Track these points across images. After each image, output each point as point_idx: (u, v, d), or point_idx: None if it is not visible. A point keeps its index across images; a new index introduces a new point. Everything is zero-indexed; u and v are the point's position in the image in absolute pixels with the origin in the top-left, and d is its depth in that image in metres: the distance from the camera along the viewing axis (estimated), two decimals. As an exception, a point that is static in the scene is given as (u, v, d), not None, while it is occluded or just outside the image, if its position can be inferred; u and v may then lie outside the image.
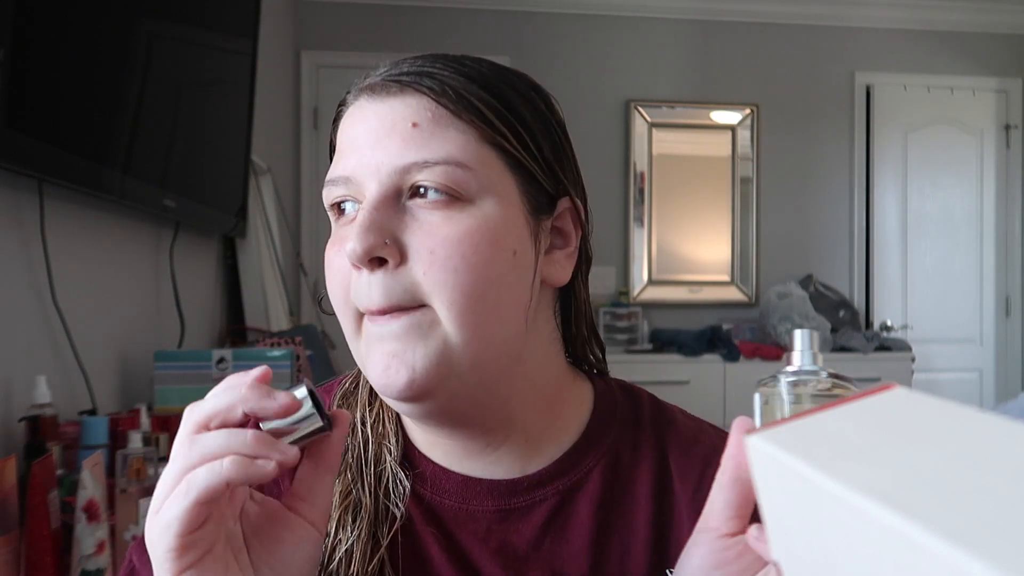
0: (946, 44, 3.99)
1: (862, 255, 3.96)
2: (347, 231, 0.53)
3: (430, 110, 0.52)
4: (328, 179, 0.55)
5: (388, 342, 0.51)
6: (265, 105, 2.66)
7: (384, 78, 0.54)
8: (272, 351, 1.74)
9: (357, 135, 0.53)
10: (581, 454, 0.59)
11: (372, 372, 0.52)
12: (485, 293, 0.52)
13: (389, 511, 0.56)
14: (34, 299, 1.33)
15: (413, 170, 0.51)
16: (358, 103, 0.55)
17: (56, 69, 1.27)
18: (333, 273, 0.54)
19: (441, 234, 0.51)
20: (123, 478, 1.15)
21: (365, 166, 0.52)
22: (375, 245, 0.50)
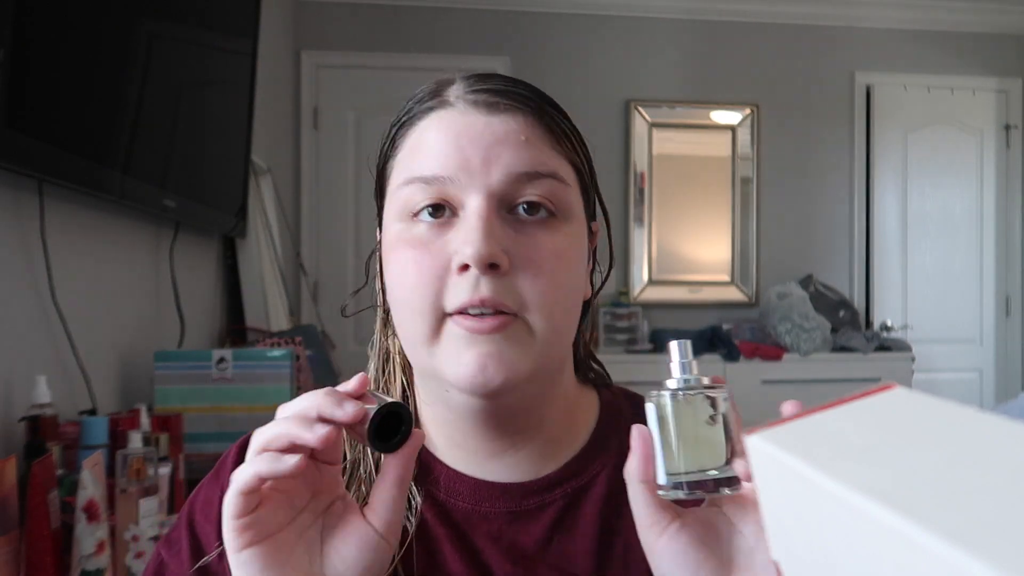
0: (946, 44, 3.99)
1: (862, 255, 3.96)
2: (445, 235, 0.54)
3: (536, 128, 0.56)
4: (416, 176, 0.55)
5: (485, 344, 0.53)
6: (265, 105, 2.66)
7: (490, 92, 0.56)
8: (272, 351, 1.74)
9: (460, 139, 0.55)
10: (589, 458, 0.62)
11: (461, 370, 0.53)
12: (571, 308, 0.58)
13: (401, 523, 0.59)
14: (34, 299, 1.32)
15: (523, 180, 0.55)
16: (458, 109, 0.56)
17: (56, 69, 1.27)
18: (419, 272, 0.54)
19: (546, 249, 0.55)
20: (123, 478, 1.15)
21: (472, 170, 0.54)
22: (496, 251, 0.52)
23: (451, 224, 0.55)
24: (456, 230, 0.54)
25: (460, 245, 0.53)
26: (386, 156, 0.61)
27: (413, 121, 0.58)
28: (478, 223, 0.53)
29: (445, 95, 0.58)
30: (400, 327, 0.58)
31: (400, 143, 0.59)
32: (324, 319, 3.25)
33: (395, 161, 0.59)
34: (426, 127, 0.57)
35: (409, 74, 3.60)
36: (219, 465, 0.64)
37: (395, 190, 0.57)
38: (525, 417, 0.59)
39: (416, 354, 0.57)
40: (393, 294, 0.58)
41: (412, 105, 0.59)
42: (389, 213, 0.59)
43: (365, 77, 3.62)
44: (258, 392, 1.66)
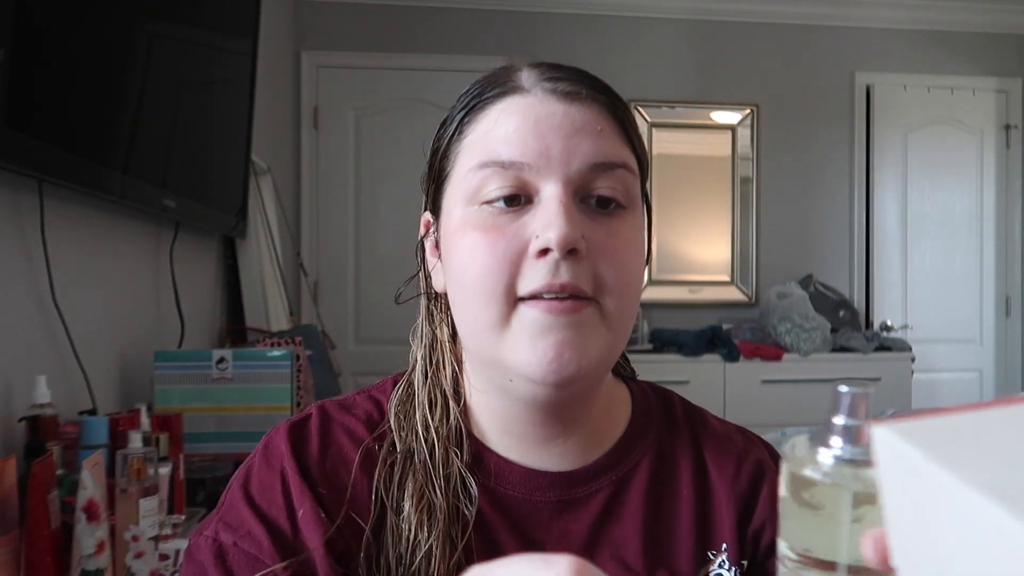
0: (946, 44, 3.99)
1: (862, 255, 3.96)
2: (518, 221, 0.54)
3: (609, 120, 0.57)
4: (493, 160, 0.55)
5: (561, 331, 0.53)
6: (265, 105, 2.66)
7: (569, 83, 0.57)
8: (272, 351, 1.74)
9: (540, 127, 0.55)
10: (630, 446, 0.63)
11: (535, 358, 0.53)
12: (637, 296, 0.59)
13: (460, 511, 0.58)
14: (34, 299, 1.32)
15: (599, 170, 0.55)
16: (536, 96, 0.56)
17: (56, 69, 1.26)
18: (492, 255, 0.54)
19: (621, 237, 0.56)
20: (123, 478, 1.15)
21: (552, 157, 0.54)
22: (577, 236, 0.53)
23: (525, 210, 0.55)
24: (532, 215, 0.54)
25: (541, 229, 0.53)
26: (450, 140, 0.60)
27: (483, 106, 0.58)
28: (560, 208, 0.53)
29: (517, 81, 0.58)
30: (464, 312, 0.57)
31: (469, 128, 0.58)
32: (324, 319, 3.25)
33: (462, 145, 0.58)
34: (502, 111, 0.57)
35: (409, 74, 3.61)
36: (266, 451, 0.61)
37: (465, 174, 0.57)
38: (579, 405, 0.60)
39: (481, 341, 0.56)
40: (460, 279, 0.57)
41: (480, 89, 0.59)
42: (454, 197, 0.58)
43: (365, 77, 3.62)
44: (258, 392, 1.66)
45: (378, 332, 3.51)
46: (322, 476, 0.58)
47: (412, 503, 0.57)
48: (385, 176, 3.58)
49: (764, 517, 0.63)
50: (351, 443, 0.61)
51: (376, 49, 3.64)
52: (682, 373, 3.40)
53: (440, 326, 0.65)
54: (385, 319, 3.43)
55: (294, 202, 3.54)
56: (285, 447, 0.60)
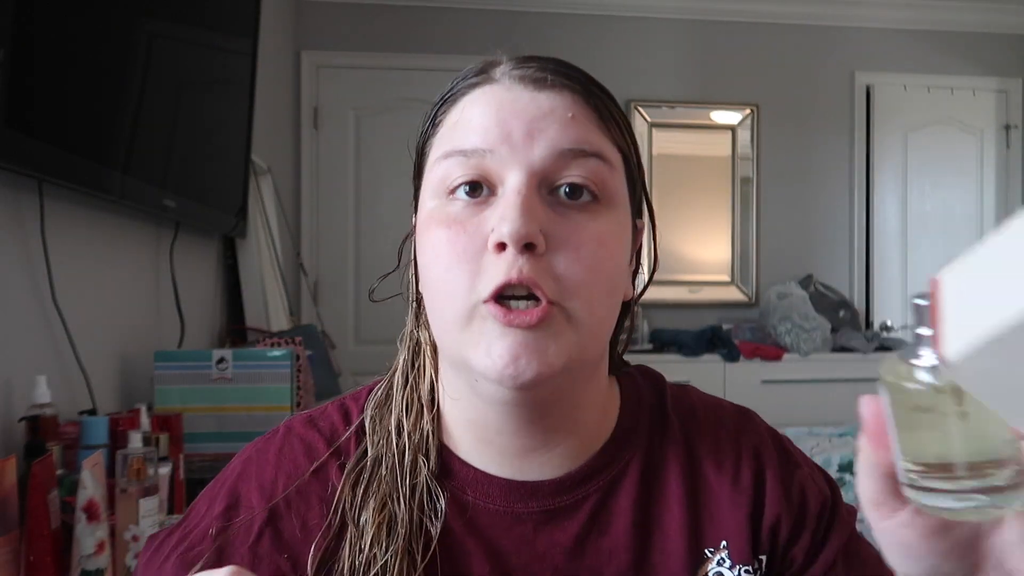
0: (946, 44, 3.98)
1: (862, 255, 3.96)
2: (480, 215, 0.52)
3: (583, 108, 0.54)
4: (455, 148, 0.53)
5: (519, 334, 0.50)
6: (265, 105, 2.66)
7: (536, 68, 0.54)
8: (272, 351, 1.74)
9: (503, 113, 0.53)
10: (617, 449, 0.61)
11: (490, 360, 0.50)
12: (611, 298, 0.55)
13: (423, 524, 0.56)
14: (34, 299, 1.32)
15: (567, 157, 0.52)
16: (503, 85, 0.54)
17: (56, 69, 1.26)
18: (452, 252, 0.52)
19: (587, 233, 0.52)
20: (123, 478, 1.15)
21: (514, 143, 0.52)
22: (534, 231, 0.50)
23: (488, 202, 0.53)
24: (494, 208, 0.52)
25: (497, 223, 0.50)
26: (427, 135, 0.59)
27: (456, 98, 0.56)
28: (516, 200, 0.50)
29: (491, 72, 0.56)
30: (431, 311, 0.56)
31: (441, 120, 0.57)
32: (324, 319, 3.25)
33: (436, 138, 0.57)
34: (469, 102, 0.55)
35: (409, 74, 3.60)
36: (216, 482, 0.62)
37: (432, 165, 0.55)
38: (559, 412, 0.57)
39: (446, 340, 0.54)
40: (426, 276, 0.55)
41: (456, 83, 0.57)
42: (425, 191, 0.56)
43: (365, 77, 3.62)
44: (258, 392, 1.66)
45: (378, 332, 3.51)
46: (276, 501, 0.58)
47: (372, 515, 0.55)
48: (385, 176, 3.58)
49: (778, 510, 0.60)
50: (308, 463, 0.59)
51: (376, 49, 3.64)
52: (682, 373, 3.40)
53: (423, 330, 0.63)
54: (385, 319, 3.42)
55: (294, 202, 3.53)
56: (238, 467, 0.61)
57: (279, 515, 0.57)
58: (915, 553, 0.40)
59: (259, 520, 0.57)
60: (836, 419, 3.14)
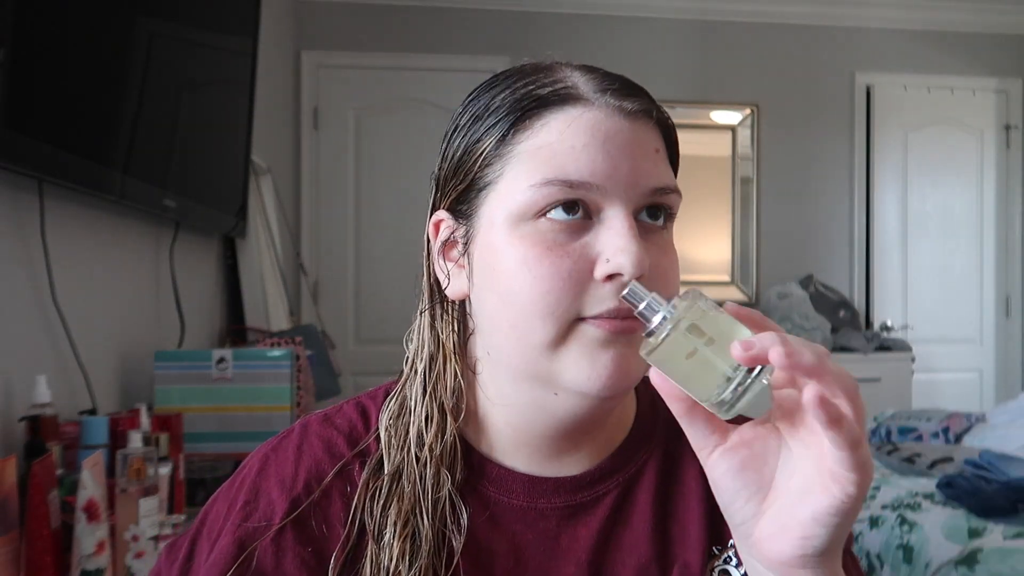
0: (946, 44, 3.98)
1: (862, 255, 3.96)
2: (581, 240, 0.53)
3: (661, 141, 0.57)
4: (558, 178, 0.52)
5: (620, 345, 0.53)
6: (265, 105, 2.66)
7: (631, 100, 0.55)
8: (272, 351, 1.74)
9: (608, 146, 0.53)
10: (636, 446, 0.63)
11: (595, 372, 0.53)
12: None
13: (447, 537, 0.56)
14: (34, 299, 1.32)
15: (658, 195, 0.55)
16: (601, 111, 0.54)
17: (56, 69, 1.26)
18: (556, 275, 0.52)
19: (669, 258, 0.56)
20: (123, 478, 1.15)
21: (619, 179, 0.53)
22: (648, 263, 0.52)
23: (586, 227, 0.53)
24: (594, 235, 0.53)
25: (611, 253, 0.52)
26: (497, 143, 0.55)
27: (539, 112, 0.54)
28: (630, 233, 0.52)
29: (575, 88, 0.54)
30: (511, 329, 0.54)
31: (523, 134, 0.54)
32: (324, 319, 3.25)
33: (514, 152, 0.54)
34: (566, 123, 0.53)
35: (409, 74, 3.61)
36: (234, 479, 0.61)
37: (525, 188, 0.53)
38: (604, 417, 0.60)
39: (529, 358, 0.54)
40: (510, 295, 0.54)
41: (530, 90, 0.55)
42: (501, 208, 0.54)
43: (365, 77, 3.62)
44: (258, 392, 1.66)
45: (378, 332, 3.51)
46: (298, 494, 0.58)
47: (395, 531, 0.55)
48: (385, 176, 3.58)
49: None
50: (329, 459, 0.59)
51: (376, 49, 3.64)
52: (682, 373, 3.40)
53: (447, 335, 0.61)
54: (385, 319, 3.43)
55: (294, 202, 3.54)
56: (256, 465, 0.60)
57: (301, 510, 0.57)
58: (725, 486, 0.47)
59: (280, 513, 0.57)
60: (836, 419, 3.13)
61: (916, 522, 1.78)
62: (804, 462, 0.45)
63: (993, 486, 1.79)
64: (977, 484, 1.80)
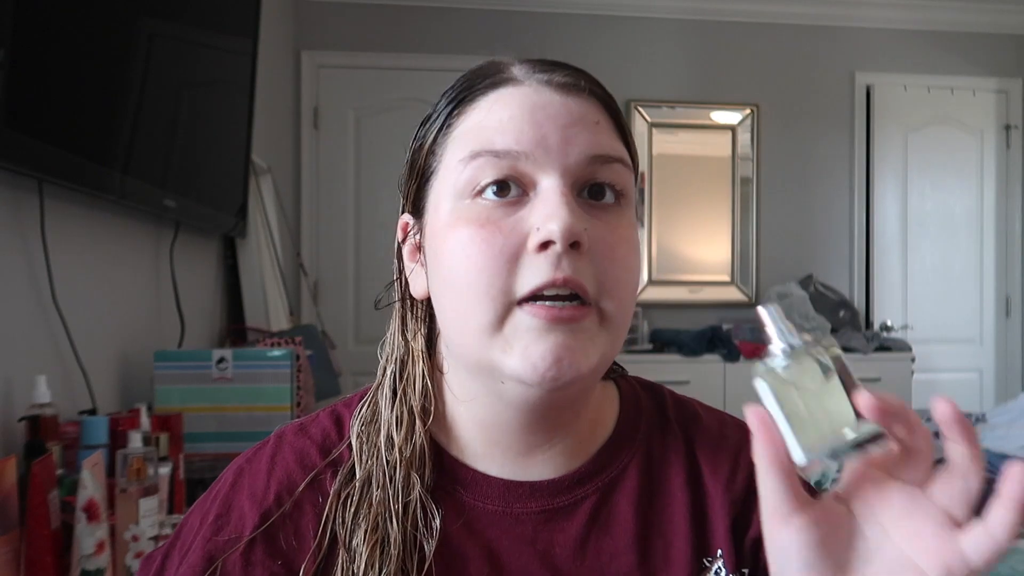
0: (946, 44, 3.98)
1: (862, 255, 3.96)
2: (515, 215, 0.52)
3: (604, 114, 0.56)
4: (485, 149, 0.52)
5: (560, 334, 0.50)
6: (265, 105, 2.66)
7: (561, 73, 0.55)
8: (272, 351, 1.74)
9: (536, 116, 0.53)
10: (616, 450, 0.60)
11: (529, 362, 0.50)
12: (634, 296, 0.56)
13: (418, 540, 0.55)
14: (34, 299, 1.32)
15: (597, 163, 0.53)
16: (530, 87, 0.55)
17: (56, 69, 1.26)
18: (488, 251, 0.51)
19: (619, 233, 0.54)
20: (123, 478, 1.15)
21: (549, 148, 0.52)
22: (580, 228, 0.50)
23: (521, 203, 0.52)
24: (529, 209, 0.52)
25: (541, 221, 0.50)
26: (437, 135, 0.57)
27: (473, 98, 0.56)
28: (561, 199, 0.50)
29: (509, 73, 0.56)
30: (453, 314, 0.54)
31: (457, 120, 0.56)
32: (324, 319, 3.25)
33: (450, 139, 0.56)
34: (495, 101, 0.54)
35: (409, 74, 3.60)
36: (209, 492, 0.60)
37: (455, 166, 0.54)
38: (569, 410, 0.58)
39: (471, 344, 0.53)
40: (450, 277, 0.53)
41: (469, 82, 0.57)
42: (442, 192, 0.55)
43: (365, 77, 3.62)
44: (258, 392, 1.66)
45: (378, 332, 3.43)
46: (268, 507, 0.57)
47: (364, 536, 0.54)
48: (385, 176, 3.57)
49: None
50: (301, 470, 0.58)
51: (376, 49, 3.64)
52: (682, 373, 3.40)
53: (415, 337, 0.61)
54: (385, 319, 3.41)
55: (294, 202, 3.54)
56: (229, 478, 0.59)
57: (272, 523, 0.56)
58: (798, 559, 0.44)
59: (250, 527, 0.56)
60: (836, 419, 3.14)
61: (916, 522, 1.77)
62: (884, 550, 0.43)
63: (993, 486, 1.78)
64: (977, 484, 1.80)
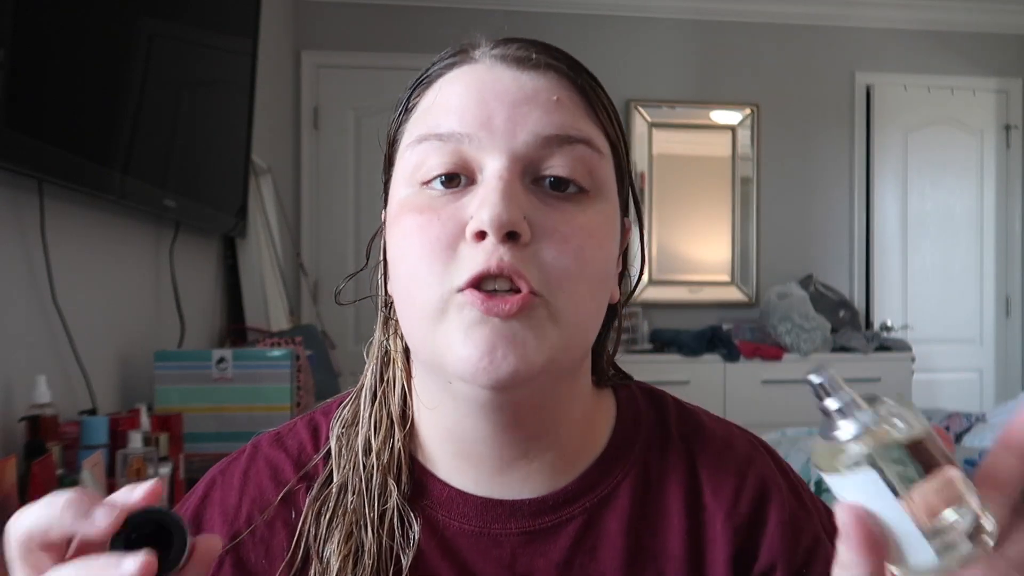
0: (946, 44, 3.99)
1: (862, 255, 3.96)
2: (458, 202, 0.48)
3: (569, 91, 0.50)
4: (430, 132, 0.49)
5: (497, 323, 0.46)
6: (265, 105, 2.66)
7: (519, 46, 0.50)
8: (272, 351, 1.74)
9: (483, 94, 0.49)
10: (608, 467, 0.55)
11: (465, 353, 0.46)
12: (598, 295, 0.51)
13: (394, 552, 0.52)
14: (34, 299, 1.32)
15: (552, 144, 0.48)
16: (482, 64, 0.50)
17: (56, 69, 1.26)
18: (426, 239, 0.48)
19: (576, 223, 0.48)
20: (123, 478, 1.15)
21: (494, 128, 0.48)
22: (517, 217, 0.46)
23: (467, 190, 0.48)
24: (473, 195, 0.48)
25: (476, 210, 0.46)
26: (399, 121, 0.54)
27: (431, 80, 0.53)
28: (498, 184, 0.46)
29: (470, 52, 0.52)
30: (401, 308, 0.51)
31: (415, 104, 0.53)
32: (324, 319, 3.25)
33: (408, 124, 0.53)
34: (445, 83, 0.51)
35: (409, 74, 3.56)
36: (181, 504, 0.59)
37: (403, 151, 0.51)
38: (537, 419, 0.52)
39: (417, 337, 0.50)
40: (396, 268, 0.51)
41: (431, 65, 0.54)
42: (396, 180, 0.52)
43: (365, 77, 3.62)
44: (258, 392, 1.66)
45: (378, 332, 3.50)
46: (239, 528, 0.55)
47: (337, 546, 0.51)
48: (385, 176, 3.58)
49: (774, 555, 0.53)
50: (274, 487, 0.56)
51: (376, 49, 3.64)
52: (682, 373, 3.40)
53: (393, 338, 0.59)
54: (385, 319, 3.43)
55: (294, 202, 3.54)
56: (201, 490, 0.58)
57: (242, 541, 0.54)
58: None
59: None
60: (836, 419, 3.14)
61: (916, 522, 1.77)
62: None
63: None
64: (977, 484, 1.80)
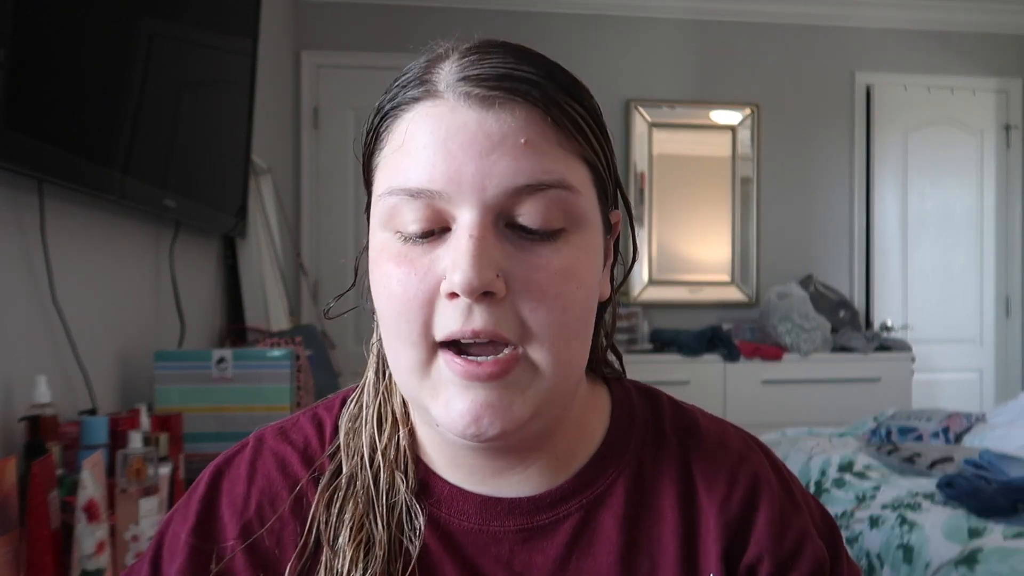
0: (946, 44, 3.99)
1: (862, 255, 3.96)
2: (433, 253, 0.48)
3: (538, 125, 0.48)
4: (400, 187, 0.48)
5: (480, 391, 0.48)
6: (265, 105, 2.66)
7: (486, 85, 0.48)
8: (272, 351, 1.74)
9: (450, 144, 0.47)
10: (603, 464, 0.57)
11: (446, 420, 0.48)
12: (581, 334, 0.51)
13: (403, 545, 0.53)
14: (34, 299, 1.32)
15: (523, 193, 0.47)
16: (447, 103, 0.48)
17: (56, 69, 1.26)
18: (404, 297, 0.48)
19: (551, 269, 0.48)
20: (123, 478, 1.15)
21: (465, 183, 0.47)
22: (489, 278, 0.46)
23: (443, 238, 0.48)
24: (447, 246, 0.48)
25: (450, 270, 0.46)
26: (371, 147, 0.54)
27: (398, 112, 0.51)
28: (469, 245, 0.46)
29: (434, 80, 0.49)
30: (389, 354, 0.53)
31: (384, 136, 0.52)
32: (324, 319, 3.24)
33: (380, 157, 0.52)
34: (411, 121, 0.49)
35: (409, 74, 3.60)
36: (187, 497, 0.59)
37: (379, 197, 0.51)
38: (529, 444, 0.54)
39: (403, 385, 0.52)
40: (379, 314, 0.53)
41: (397, 90, 0.51)
42: (373, 218, 0.53)
43: (365, 77, 3.62)
44: (258, 392, 1.66)
45: (378, 332, 3.50)
46: (249, 518, 0.56)
47: (349, 536, 0.53)
48: (385, 176, 3.58)
49: (761, 548, 0.55)
50: (282, 477, 0.57)
51: (376, 49, 3.64)
52: (682, 373, 3.40)
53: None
54: (385, 319, 3.43)
55: (294, 202, 3.54)
56: (200, 496, 0.58)
57: (253, 531, 0.55)
58: None
59: (231, 536, 0.55)
60: (836, 419, 3.14)
61: (916, 522, 1.77)
62: None
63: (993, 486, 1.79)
64: (977, 484, 1.80)
